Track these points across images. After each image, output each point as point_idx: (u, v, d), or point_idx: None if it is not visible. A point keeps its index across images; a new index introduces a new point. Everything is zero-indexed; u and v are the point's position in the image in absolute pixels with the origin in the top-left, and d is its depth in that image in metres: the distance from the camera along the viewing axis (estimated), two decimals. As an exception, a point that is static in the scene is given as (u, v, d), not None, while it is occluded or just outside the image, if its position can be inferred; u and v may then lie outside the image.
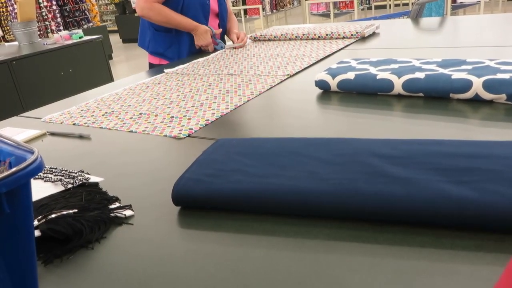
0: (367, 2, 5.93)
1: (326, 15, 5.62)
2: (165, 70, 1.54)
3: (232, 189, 0.58)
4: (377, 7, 7.64)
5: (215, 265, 0.50)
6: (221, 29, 1.85)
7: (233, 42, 1.87)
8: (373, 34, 1.81)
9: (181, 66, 1.57)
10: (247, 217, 0.58)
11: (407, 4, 7.82)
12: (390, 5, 7.39)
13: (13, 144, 0.37)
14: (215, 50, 1.83)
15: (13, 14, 6.38)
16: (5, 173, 0.31)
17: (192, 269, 0.49)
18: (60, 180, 0.69)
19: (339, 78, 1.03)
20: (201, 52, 1.86)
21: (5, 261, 0.35)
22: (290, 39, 1.88)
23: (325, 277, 0.45)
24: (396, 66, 1.05)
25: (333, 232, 0.53)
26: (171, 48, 1.83)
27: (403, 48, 1.50)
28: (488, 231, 0.49)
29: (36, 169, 0.33)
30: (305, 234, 0.53)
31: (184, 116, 1.01)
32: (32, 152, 0.35)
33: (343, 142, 0.67)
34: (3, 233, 0.34)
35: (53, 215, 0.57)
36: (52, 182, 0.70)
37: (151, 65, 1.89)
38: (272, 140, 0.72)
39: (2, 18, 6.52)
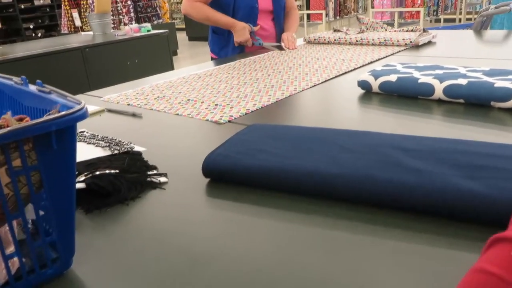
0: (435, 13, 5.74)
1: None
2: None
3: (256, 166, 0.63)
4: (446, 20, 7.35)
5: (232, 229, 0.55)
6: (259, 26, 1.89)
7: (283, 43, 1.91)
8: (429, 43, 1.79)
9: (235, 62, 1.65)
10: (267, 192, 0.63)
11: (480, 19, 7.44)
12: (460, 19, 7.09)
13: (66, 97, 0.45)
14: (253, 45, 1.90)
15: (92, 7, 6.85)
16: (56, 115, 0.38)
17: (211, 231, 0.55)
18: (109, 145, 0.78)
19: (381, 79, 1.05)
20: (245, 50, 1.94)
21: (50, 190, 0.42)
22: (343, 44, 1.90)
23: (326, 250, 0.49)
24: (440, 72, 1.04)
25: (343, 212, 0.56)
26: (223, 49, 1.99)
27: (456, 57, 1.48)
28: (495, 226, 0.50)
29: (81, 116, 0.40)
30: (317, 212, 0.57)
31: (227, 104, 1.07)
32: (79, 103, 0.42)
33: (369, 134, 0.70)
34: (50, 166, 0.41)
35: (98, 173, 0.65)
36: (102, 147, 0.79)
37: (212, 59, 2.03)
38: (302, 128, 0.76)
39: (82, 10, 7.03)
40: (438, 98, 0.97)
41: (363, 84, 1.09)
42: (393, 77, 1.04)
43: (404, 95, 1.03)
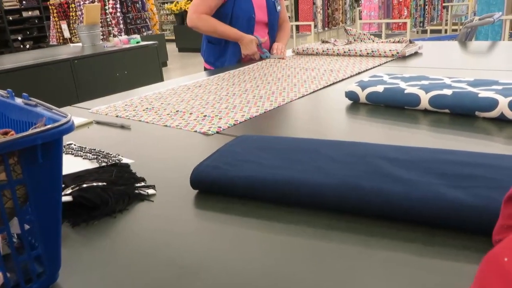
0: (421, 24, 5.84)
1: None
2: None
3: (244, 177, 0.63)
4: (432, 31, 7.47)
5: (220, 241, 0.55)
6: (266, 38, 1.92)
7: (272, 53, 1.95)
8: (415, 54, 1.81)
9: (225, 73, 1.66)
10: (256, 203, 0.63)
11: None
12: (446, 29, 7.21)
13: (52, 109, 0.45)
14: (261, 58, 1.91)
15: (81, 19, 6.85)
16: (41, 128, 0.38)
17: (200, 243, 0.55)
18: (96, 158, 0.77)
19: (368, 90, 1.06)
20: (242, 61, 1.95)
21: (35, 205, 0.42)
22: (331, 55, 1.92)
23: (315, 260, 0.49)
24: (426, 82, 1.06)
25: (332, 223, 0.56)
26: (219, 59, 1.99)
27: (442, 68, 1.50)
28: (481, 234, 0.50)
29: (67, 129, 0.40)
30: (306, 222, 0.57)
31: (216, 115, 1.07)
32: (65, 116, 0.41)
33: (356, 144, 0.71)
34: (36, 181, 0.41)
35: (85, 185, 0.64)
36: (90, 160, 0.78)
37: (205, 69, 2.04)
38: (290, 139, 0.77)
39: (71, 22, 7.02)
40: (424, 108, 0.99)
41: (351, 95, 1.10)
42: (380, 88, 1.05)
43: (391, 105, 1.04)
